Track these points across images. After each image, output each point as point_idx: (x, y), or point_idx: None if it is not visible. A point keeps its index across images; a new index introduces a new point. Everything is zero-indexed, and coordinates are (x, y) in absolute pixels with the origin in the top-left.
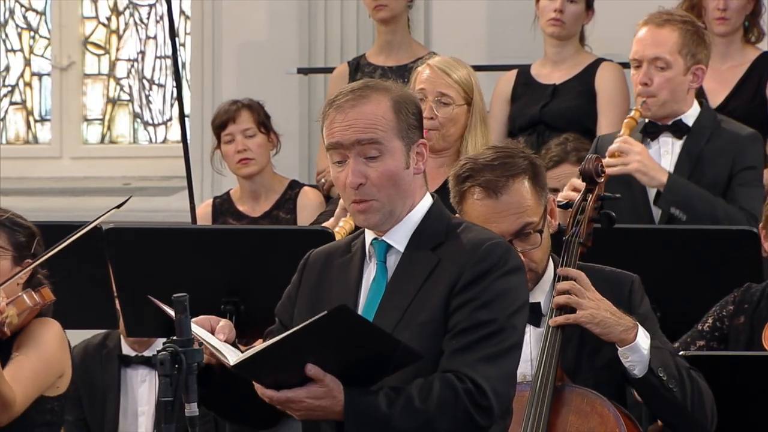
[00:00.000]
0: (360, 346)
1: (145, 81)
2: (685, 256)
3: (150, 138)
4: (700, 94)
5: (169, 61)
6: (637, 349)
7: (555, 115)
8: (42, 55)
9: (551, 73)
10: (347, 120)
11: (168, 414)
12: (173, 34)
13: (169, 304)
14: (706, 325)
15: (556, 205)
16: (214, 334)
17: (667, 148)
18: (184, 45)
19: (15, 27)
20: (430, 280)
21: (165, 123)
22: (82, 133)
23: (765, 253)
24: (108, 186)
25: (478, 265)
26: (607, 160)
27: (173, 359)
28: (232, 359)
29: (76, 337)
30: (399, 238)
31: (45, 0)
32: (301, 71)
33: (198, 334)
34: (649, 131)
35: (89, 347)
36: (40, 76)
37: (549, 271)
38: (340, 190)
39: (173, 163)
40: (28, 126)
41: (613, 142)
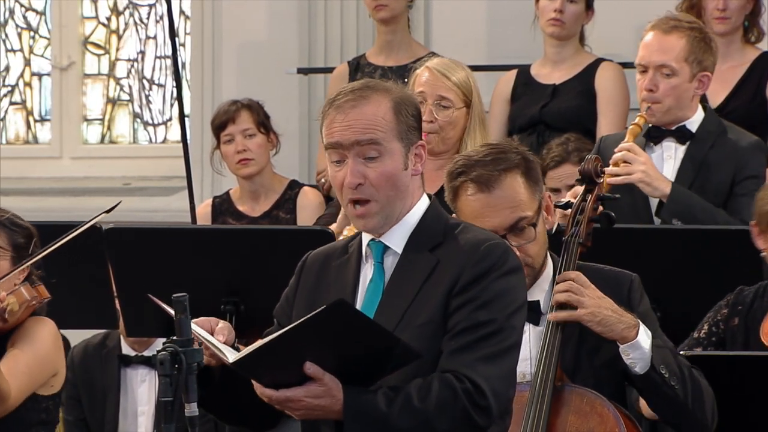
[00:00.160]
0: (359, 342)
1: (145, 81)
2: (685, 256)
3: (150, 138)
4: (701, 96)
5: (169, 61)
6: (639, 346)
7: (555, 115)
8: (42, 55)
9: (551, 73)
10: (347, 120)
11: (168, 414)
12: (173, 34)
13: (169, 304)
14: (702, 331)
15: (555, 205)
16: (214, 336)
17: (670, 153)
18: (184, 45)
19: (15, 27)
20: (429, 282)
21: (165, 123)
22: (82, 133)
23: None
24: (108, 186)
25: (477, 266)
26: (610, 169)
27: (173, 359)
28: (232, 357)
29: (76, 337)
30: (396, 240)
31: (45, 0)
32: (301, 71)
33: (198, 333)
34: (653, 135)
35: (89, 347)
36: (40, 76)
37: (548, 270)
38: (337, 189)
39: (173, 163)
40: (28, 126)
41: (618, 149)
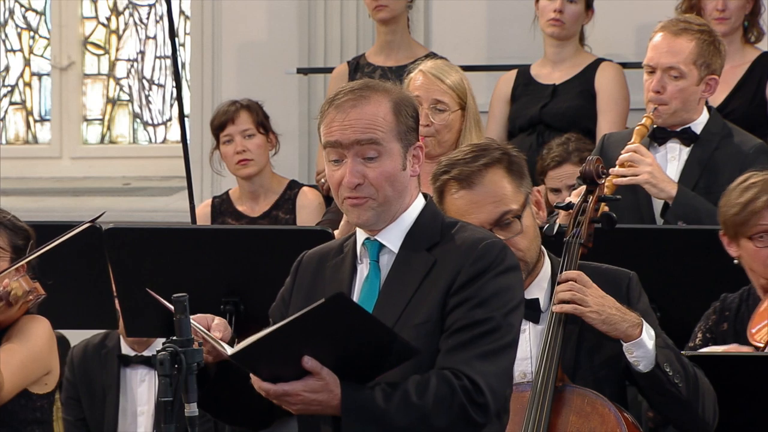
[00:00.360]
0: (357, 336)
1: (144, 81)
2: (685, 257)
3: (150, 138)
4: None
5: (168, 61)
6: (643, 344)
7: (555, 115)
8: (42, 55)
9: (551, 73)
10: (347, 120)
11: (168, 414)
12: (173, 34)
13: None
14: (698, 339)
15: (557, 206)
16: (210, 332)
17: (674, 154)
18: (183, 45)
19: (15, 27)
20: (427, 281)
21: (165, 123)
22: (81, 133)
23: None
24: (108, 186)
25: (474, 265)
26: (616, 170)
27: (173, 359)
28: (230, 351)
29: (75, 337)
30: (392, 238)
31: (45, 0)
32: (300, 71)
33: (196, 328)
34: (657, 136)
35: (89, 347)
36: (40, 76)
37: (546, 267)
38: (334, 188)
39: (173, 163)
40: (28, 126)
41: (624, 150)
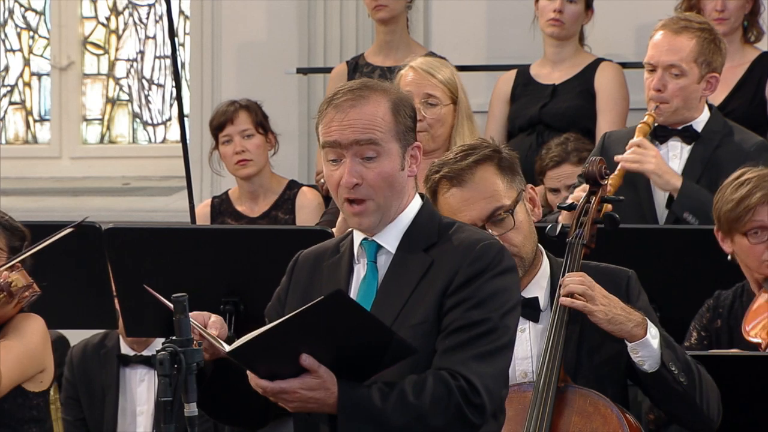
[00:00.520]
0: (355, 334)
1: (144, 81)
2: (685, 257)
3: (149, 138)
4: None
5: (168, 61)
6: (648, 343)
7: (554, 115)
8: (41, 55)
9: (551, 73)
10: (346, 120)
11: (167, 414)
12: (172, 34)
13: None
14: (693, 338)
15: (559, 207)
16: (207, 329)
17: (676, 153)
18: (183, 45)
19: (14, 27)
20: (424, 282)
21: (164, 123)
22: (81, 133)
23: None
24: (107, 186)
25: (472, 266)
26: (624, 156)
27: (173, 359)
28: (228, 347)
29: (75, 336)
30: (389, 239)
31: (44, 0)
32: (300, 71)
33: (193, 325)
34: (659, 135)
35: (88, 347)
36: (40, 76)
37: (545, 266)
38: (332, 188)
39: (172, 163)
40: (28, 126)
41: (628, 146)
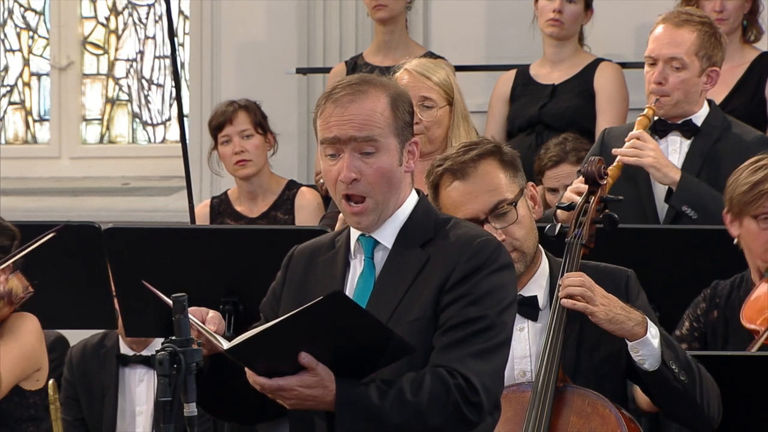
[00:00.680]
0: (354, 334)
1: (144, 81)
2: (685, 257)
3: (149, 138)
4: None
5: (167, 61)
6: (648, 343)
7: (554, 115)
8: (41, 55)
9: (550, 73)
10: (346, 115)
11: (167, 414)
12: (172, 34)
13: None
14: (684, 328)
15: (558, 207)
16: (205, 324)
17: (675, 147)
18: (182, 45)
19: (14, 27)
20: (420, 278)
21: (164, 123)
22: (81, 133)
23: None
24: (107, 186)
25: (469, 262)
26: (622, 150)
27: (172, 359)
28: (227, 345)
29: (74, 336)
30: (387, 235)
31: (44, 0)
32: (299, 71)
33: (192, 321)
34: (659, 129)
35: (87, 347)
36: (39, 76)
37: (544, 265)
38: (330, 183)
39: (172, 163)
40: (27, 126)
41: (627, 138)
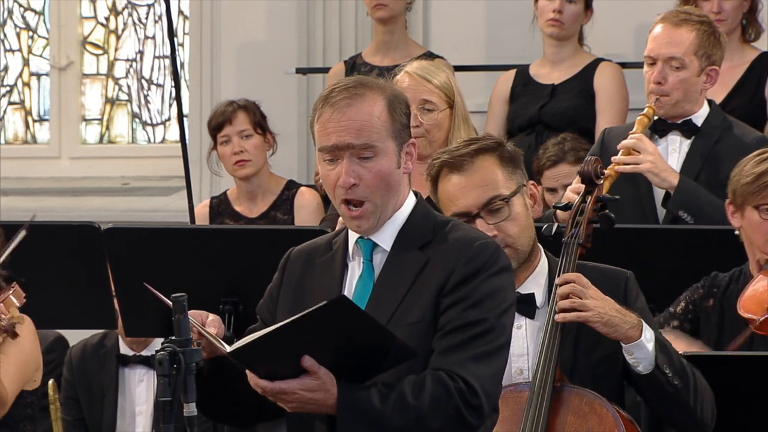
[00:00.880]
0: (356, 338)
1: (143, 81)
2: (685, 257)
3: (148, 138)
4: None
5: (167, 61)
6: (642, 346)
7: (554, 115)
8: (40, 55)
9: (550, 73)
10: (343, 120)
11: (167, 414)
12: (172, 34)
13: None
14: (679, 307)
15: (555, 207)
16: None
17: (675, 147)
18: (182, 45)
19: (13, 27)
20: (419, 280)
21: (163, 123)
22: (80, 133)
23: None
24: (107, 186)
25: (468, 265)
26: (619, 158)
27: (172, 359)
28: (229, 348)
29: (74, 337)
30: (385, 237)
31: (43, 0)
32: (299, 71)
33: (193, 324)
34: (659, 129)
35: (87, 347)
36: (39, 76)
37: (543, 263)
38: (329, 188)
39: (172, 163)
40: (27, 126)
41: (627, 139)
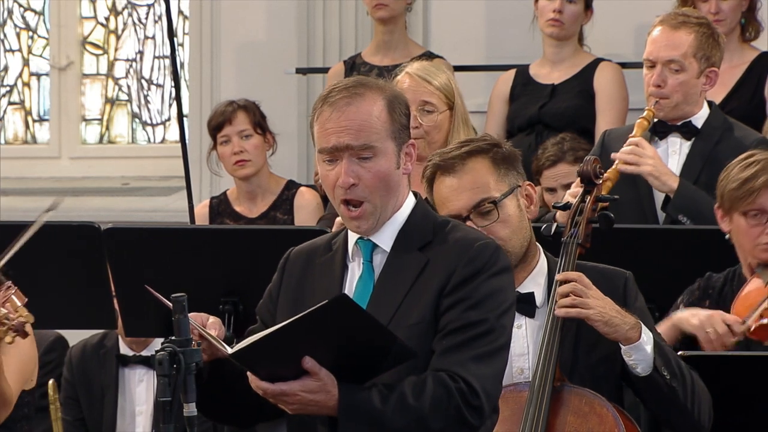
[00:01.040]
0: (357, 338)
1: (143, 81)
2: (684, 257)
3: (148, 138)
4: None
5: (167, 61)
6: (641, 348)
7: (553, 115)
8: (40, 55)
9: (550, 73)
10: (343, 120)
11: (166, 414)
12: (171, 34)
13: None
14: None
15: (554, 207)
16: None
17: (675, 149)
18: (182, 45)
19: (13, 27)
20: (420, 281)
21: (163, 123)
22: (80, 133)
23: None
24: (107, 186)
25: (468, 266)
26: (622, 156)
27: (172, 359)
28: (230, 349)
29: (74, 337)
30: (385, 238)
31: (43, 0)
32: (299, 71)
33: (194, 326)
34: (659, 130)
35: (87, 347)
36: (39, 76)
37: (542, 263)
38: (329, 188)
39: (172, 163)
40: (27, 126)
41: (626, 143)
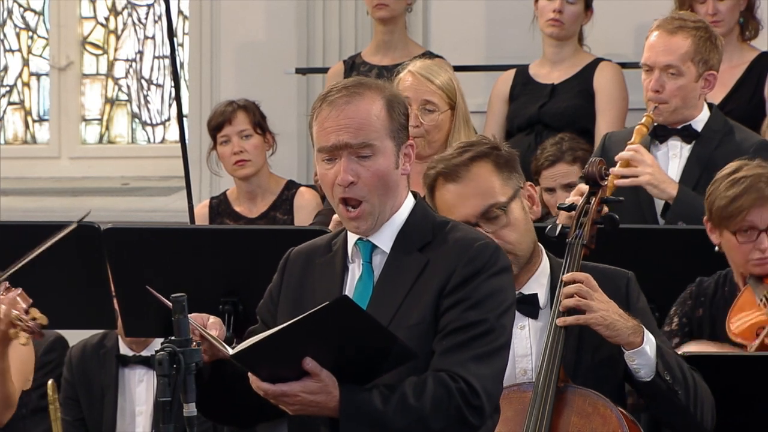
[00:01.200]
0: (358, 339)
1: (143, 81)
2: (685, 257)
3: (148, 138)
4: None
5: (167, 61)
6: (644, 352)
7: (553, 115)
8: (40, 55)
9: (550, 73)
10: (341, 118)
11: (166, 414)
12: (171, 34)
13: None
14: (674, 324)
15: (559, 207)
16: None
17: (676, 152)
18: (182, 45)
19: (13, 27)
20: (420, 282)
21: (163, 123)
22: (80, 133)
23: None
24: (106, 186)
25: (468, 266)
26: (618, 170)
27: (171, 359)
28: (231, 349)
29: (74, 337)
30: (384, 239)
31: (43, 0)
32: (299, 71)
33: (195, 327)
34: (658, 134)
35: (87, 347)
36: (39, 76)
37: (544, 264)
38: (327, 187)
39: (171, 163)
40: (27, 126)
41: (625, 150)
